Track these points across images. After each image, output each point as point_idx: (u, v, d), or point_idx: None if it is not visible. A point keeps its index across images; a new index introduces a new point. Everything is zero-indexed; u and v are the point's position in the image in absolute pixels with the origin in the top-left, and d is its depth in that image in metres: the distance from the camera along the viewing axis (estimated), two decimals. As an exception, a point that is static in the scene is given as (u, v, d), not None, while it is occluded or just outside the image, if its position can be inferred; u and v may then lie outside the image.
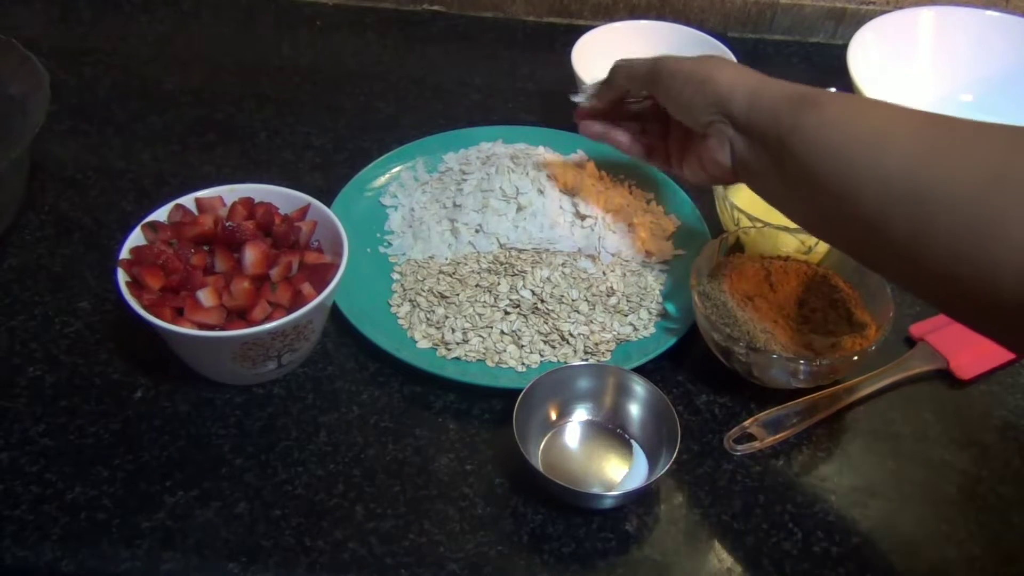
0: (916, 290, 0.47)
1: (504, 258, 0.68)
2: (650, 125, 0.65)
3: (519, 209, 0.70)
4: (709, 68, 0.55)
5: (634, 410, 0.60)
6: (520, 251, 0.68)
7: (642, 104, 0.66)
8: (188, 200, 0.64)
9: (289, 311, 0.58)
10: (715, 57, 0.58)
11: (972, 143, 0.44)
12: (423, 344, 0.64)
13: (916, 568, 0.55)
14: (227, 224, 0.60)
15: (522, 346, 0.64)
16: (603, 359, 0.64)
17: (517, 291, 0.65)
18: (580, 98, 0.66)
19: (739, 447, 0.60)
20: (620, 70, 0.62)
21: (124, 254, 0.59)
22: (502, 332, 0.64)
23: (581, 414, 0.61)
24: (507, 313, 0.65)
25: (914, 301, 0.71)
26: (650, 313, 0.67)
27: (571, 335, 0.64)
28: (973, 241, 0.41)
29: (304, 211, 0.64)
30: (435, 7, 1.01)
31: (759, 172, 0.53)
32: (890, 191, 0.44)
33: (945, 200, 0.42)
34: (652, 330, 0.66)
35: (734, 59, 0.82)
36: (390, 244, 0.72)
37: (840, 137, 0.47)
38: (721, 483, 0.58)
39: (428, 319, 0.65)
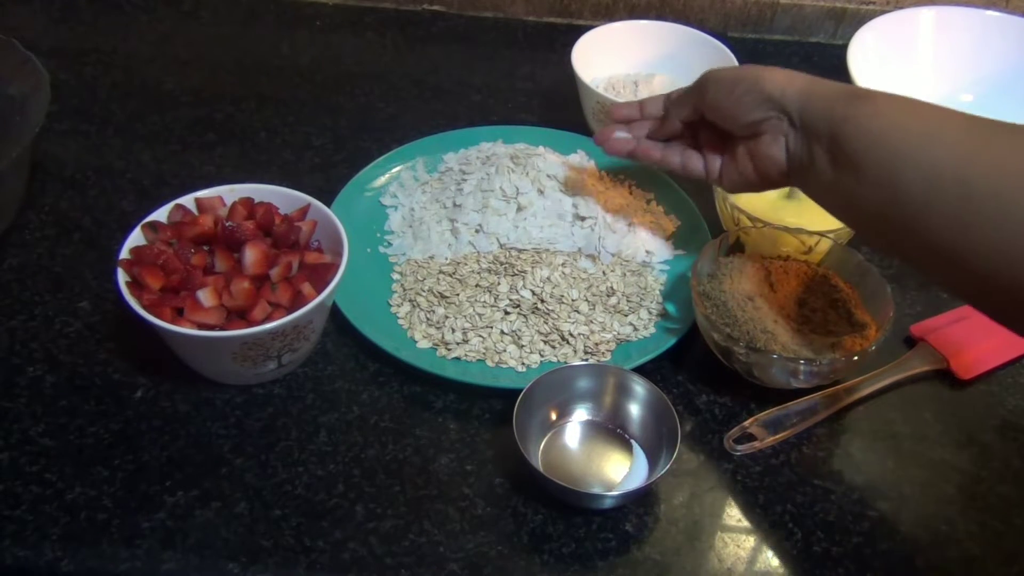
0: (954, 287, 0.49)
1: (504, 258, 0.68)
2: (677, 138, 0.65)
3: (519, 209, 0.70)
4: (758, 70, 0.57)
5: (634, 410, 0.60)
6: (520, 251, 0.68)
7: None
8: (188, 200, 0.64)
9: (289, 311, 0.57)
10: (759, 65, 0.59)
11: (1017, 141, 0.45)
12: (423, 344, 0.64)
13: (916, 568, 0.55)
14: (227, 224, 0.60)
15: (522, 346, 0.64)
16: (603, 359, 0.64)
17: (517, 291, 0.65)
18: (621, 133, 0.65)
19: (739, 447, 0.60)
20: (669, 102, 0.64)
21: (124, 254, 0.59)
22: (502, 332, 0.64)
23: (581, 414, 0.61)
24: (507, 313, 0.65)
25: (914, 301, 0.71)
26: (650, 313, 0.67)
27: (571, 335, 0.64)
28: (1016, 236, 0.42)
29: (304, 211, 0.64)
30: (435, 7, 1.01)
31: (811, 167, 0.54)
32: (937, 182, 0.45)
33: (991, 193, 0.43)
34: (652, 330, 0.66)
35: (736, 64, 0.82)
36: (390, 244, 0.72)
37: (891, 128, 0.48)
38: (721, 483, 0.58)
39: (428, 319, 0.65)
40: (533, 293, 0.65)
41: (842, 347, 0.60)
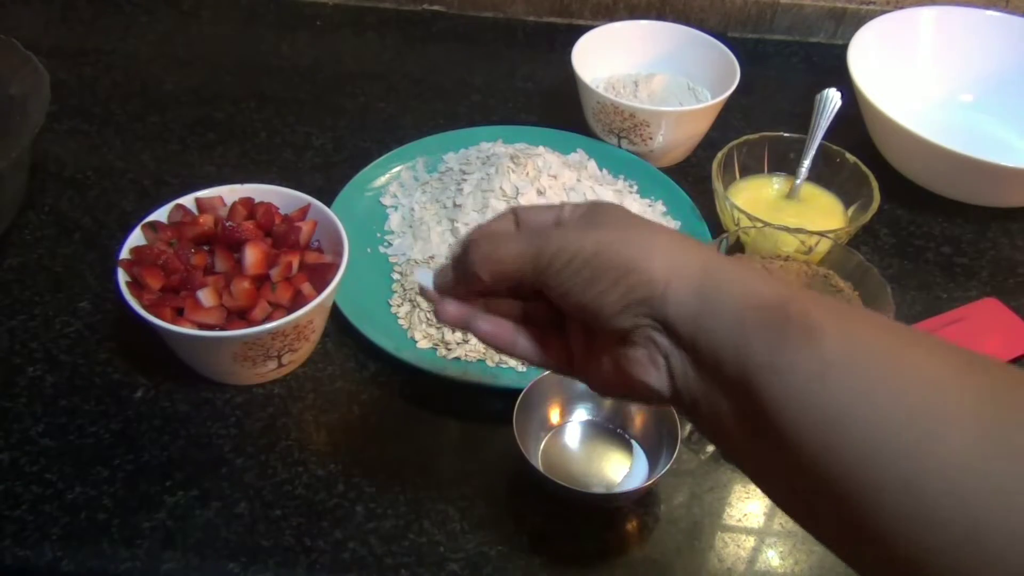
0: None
1: (504, 258, 0.68)
2: (536, 305, 0.42)
3: (519, 209, 0.70)
4: (629, 247, 0.35)
5: (634, 410, 0.60)
6: (520, 251, 0.68)
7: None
8: (188, 200, 0.64)
9: (289, 311, 0.57)
10: (633, 221, 0.38)
11: None
12: (423, 344, 0.64)
13: (916, 568, 0.55)
14: (227, 224, 0.60)
15: (522, 346, 0.64)
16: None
17: (517, 291, 0.65)
18: (424, 280, 0.43)
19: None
20: (481, 259, 0.39)
21: (124, 254, 0.59)
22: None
23: (581, 414, 0.61)
24: (507, 313, 0.65)
25: (914, 301, 0.71)
26: (650, 313, 0.67)
27: (571, 335, 0.64)
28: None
29: (304, 211, 0.64)
30: (435, 7, 1.01)
31: (709, 411, 0.35)
32: (927, 499, 0.29)
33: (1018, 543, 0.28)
34: (652, 330, 0.66)
35: (736, 64, 0.82)
36: (390, 244, 0.72)
37: (850, 399, 0.30)
38: (721, 483, 0.58)
39: (428, 319, 0.65)
40: (533, 293, 0.65)
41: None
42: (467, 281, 0.40)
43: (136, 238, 0.60)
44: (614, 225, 0.37)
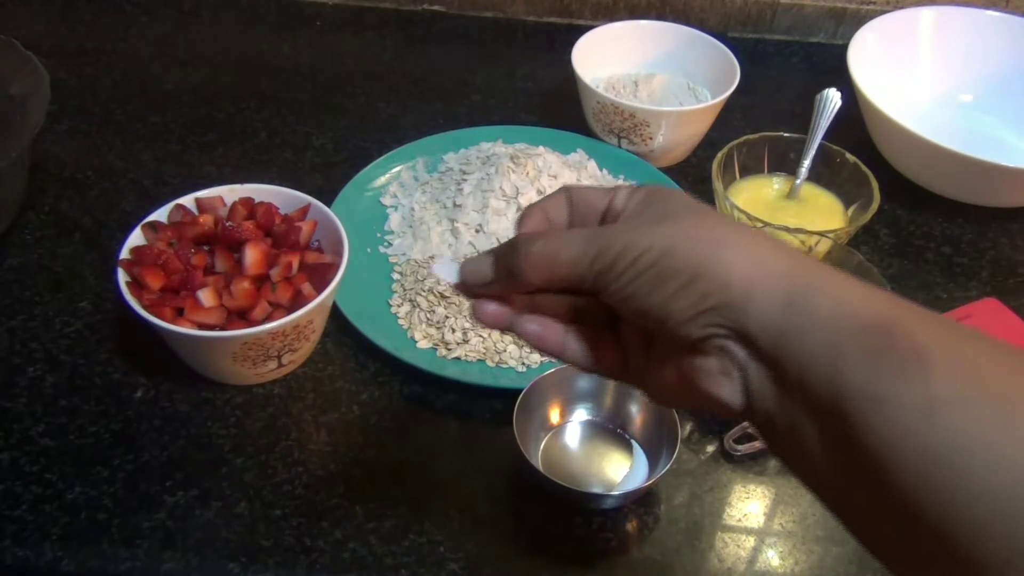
0: None
1: (504, 258, 0.68)
2: (587, 301, 0.38)
3: (519, 209, 0.70)
4: (701, 246, 0.31)
5: (634, 410, 0.60)
6: (520, 251, 0.68)
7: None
8: (188, 200, 0.64)
9: (289, 311, 0.57)
10: (703, 213, 0.33)
11: None
12: (423, 344, 0.64)
13: (916, 568, 0.55)
14: (227, 224, 0.60)
15: (522, 346, 0.64)
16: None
17: (517, 291, 0.65)
18: (447, 274, 0.38)
19: (739, 447, 0.59)
20: (534, 259, 0.34)
21: (124, 254, 0.59)
22: (502, 332, 0.64)
23: (581, 414, 0.61)
24: (507, 313, 0.65)
25: (914, 300, 0.71)
26: (650, 313, 0.67)
27: (571, 335, 0.64)
28: None
29: (304, 211, 0.64)
30: (435, 7, 1.01)
31: (788, 432, 0.31)
32: None
33: None
34: (652, 330, 0.66)
35: (736, 64, 0.82)
36: (390, 244, 0.72)
37: (963, 441, 0.26)
38: (721, 483, 0.58)
39: (428, 319, 0.65)
40: (533, 293, 0.65)
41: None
42: (513, 281, 0.35)
43: (136, 238, 0.60)
44: (682, 219, 0.33)
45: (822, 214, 0.74)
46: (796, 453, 0.31)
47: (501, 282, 0.36)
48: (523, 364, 0.63)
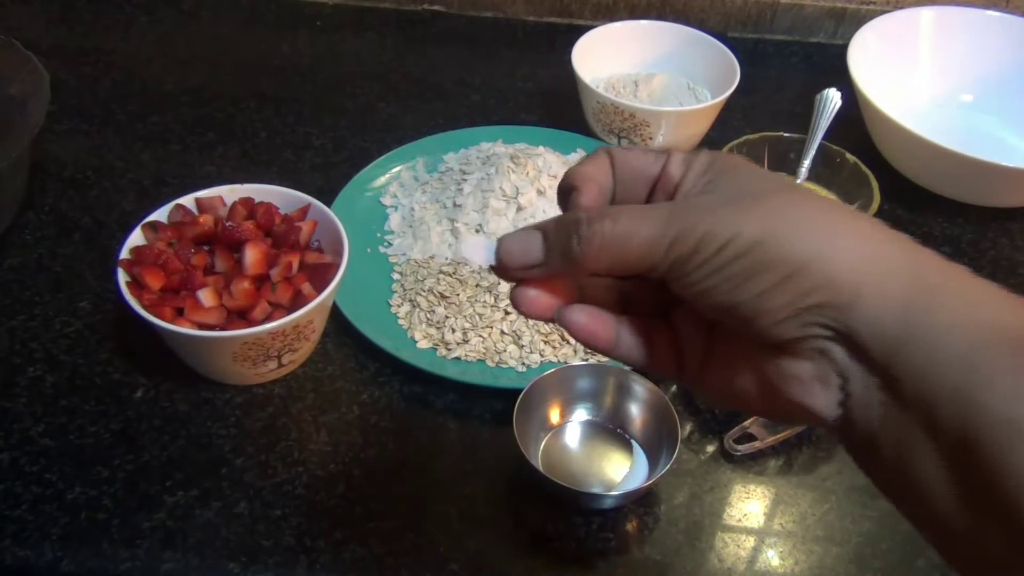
0: None
1: (504, 258, 0.68)
2: (636, 291, 0.34)
3: (519, 209, 0.70)
4: (803, 234, 0.27)
5: (634, 410, 0.60)
6: (520, 251, 0.68)
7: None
8: (188, 200, 0.64)
9: (289, 311, 0.57)
10: (797, 192, 0.29)
11: None
12: (423, 344, 0.64)
13: (916, 568, 0.55)
14: (227, 224, 0.60)
15: (522, 346, 0.64)
16: (603, 359, 0.64)
17: (517, 291, 0.65)
18: (478, 255, 0.32)
19: (739, 447, 0.59)
20: (599, 242, 0.29)
21: (124, 254, 0.59)
22: (502, 332, 0.64)
23: (581, 414, 0.61)
24: (507, 313, 0.65)
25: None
26: (650, 313, 0.67)
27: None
28: None
29: (304, 211, 0.64)
30: (435, 7, 1.01)
31: (896, 457, 0.26)
32: None
33: None
34: (652, 330, 0.66)
35: (736, 64, 0.82)
36: (390, 244, 0.72)
37: None
38: (721, 483, 0.58)
39: (428, 319, 0.65)
40: (533, 293, 0.65)
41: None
42: (569, 266, 0.30)
43: (136, 238, 0.60)
44: (770, 198, 0.28)
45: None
46: (906, 483, 0.26)
47: (553, 266, 0.30)
48: (523, 364, 0.63)
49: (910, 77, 0.87)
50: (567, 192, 0.31)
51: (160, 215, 0.63)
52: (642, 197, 0.32)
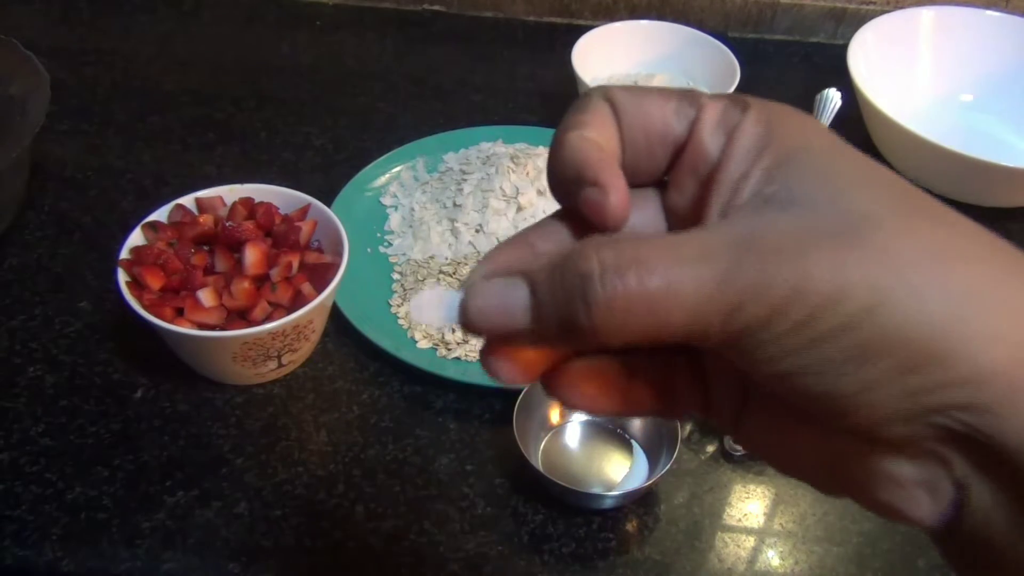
0: None
1: (504, 258, 0.68)
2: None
3: (519, 209, 0.70)
4: (941, 306, 0.18)
5: (634, 410, 0.59)
6: (520, 251, 0.68)
7: None
8: (188, 200, 0.64)
9: (289, 311, 0.57)
10: (936, 222, 0.20)
11: None
12: (423, 344, 0.64)
13: (916, 568, 0.55)
14: (227, 224, 0.60)
15: (522, 346, 0.64)
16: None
17: (517, 291, 0.65)
18: (431, 313, 0.23)
19: (739, 447, 0.59)
20: (626, 305, 0.19)
21: (124, 254, 0.59)
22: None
23: (581, 414, 0.61)
24: (507, 313, 0.65)
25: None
26: (650, 313, 0.67)
27: (571, 335, 0.64)
28: None
29: (304, 211, 0.64)
30: (435, 7, 1.01)
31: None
32: None
33: None
34: (652, 330, 0.66)
35: (736, 64, 0.82)
36: (390, 244, 0.72)
37: None
38: (721, 483, 0.58)
39: (428, 319, 0.65)
40: (533, 293, 0.65)
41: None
42: (567, 338, 0.20)
43: (136, 238, 0.60)
44: (890, 226, 0.19)
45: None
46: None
47: (546, 336, 0.21)
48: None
49: (910, 77, 0.87)
50: (570, 183, 0.22)
51: (160, 215, 0.63)
52: (658, 168, 0.23)
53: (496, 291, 0.21)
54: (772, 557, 0.55)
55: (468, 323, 0.22)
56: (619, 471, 0.58)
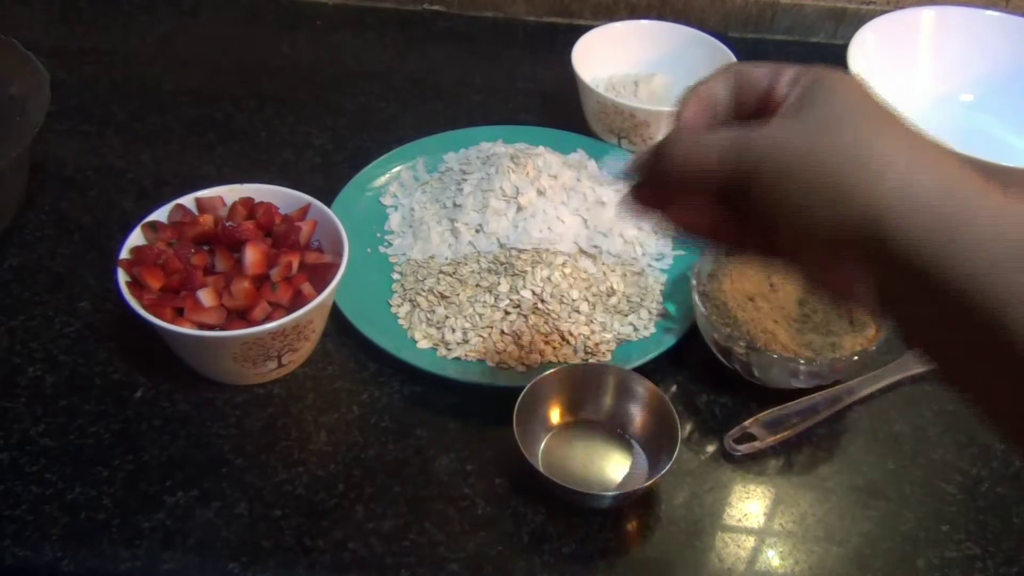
0: None
1: (504, 258, 0.68)
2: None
3: (519, 209, 0.70)
4: (844, 157, 0.31)
5: (634, 410, 0.60)
6: (520, 251, 0.68)
7: None
8: (188, 200, 0.64)
9: (289, 311, 0.57)
10: (855, 113, 0.33)
11: None
12: (423, 344, 0.64)
13: (916, 568, 0.55)
14: (227, 224, 0.60)
15: (522, 346, 0.64)
16: (603, 359, 0.63)
17: (517, 291, 0.65)
18: (613, 171, 0.42)
19: (739, 447, 0.59)
20: (679, 159, 0.36)
21: (124, 254, 0.59)
22: (502, 332, 0.64)
23: (581, 414, 0.61)
24: (507, 313, 0.65)
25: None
26: (650, 313, 0.67)
27: (571, 335, 0.64)
28: None
29: (304, 211, 0.64)
30: (435, 7, 1.01)
31: (924, 332, 0.32)
32: None
33: None
34: (652, 330, 0.66)
35: (732, 57, 0.82)
36: (390, 244, 0.72)
37: None
38: (721, 483, 0.58)
39: (428, 319, 0.65)
40: (533, 293, 0.65)
41: (842, 347, 0.60)
42: (661, 183, 0.37)
43: (136, 238, 0.60)
44: (831, 120, 0.32)
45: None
46: (931, 348, 0.32)
47: (651, 184, 0.38)
48: (523, 364, 0.63)
49: (910, 77, 0.87)
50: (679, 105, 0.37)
51: (160, 215, 0.63)
52: (751, 111, 0.36)
53: (632, 159, 0.39)
54: (772, 557, 0.55)
55: (621, 175, 0.40)
56: (619, 471, 0.58)
